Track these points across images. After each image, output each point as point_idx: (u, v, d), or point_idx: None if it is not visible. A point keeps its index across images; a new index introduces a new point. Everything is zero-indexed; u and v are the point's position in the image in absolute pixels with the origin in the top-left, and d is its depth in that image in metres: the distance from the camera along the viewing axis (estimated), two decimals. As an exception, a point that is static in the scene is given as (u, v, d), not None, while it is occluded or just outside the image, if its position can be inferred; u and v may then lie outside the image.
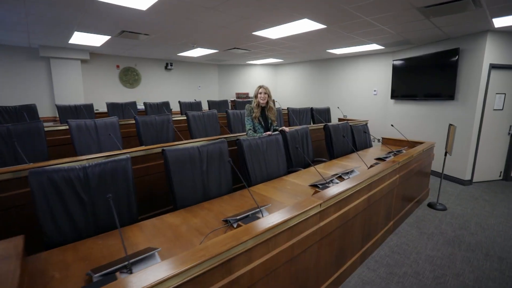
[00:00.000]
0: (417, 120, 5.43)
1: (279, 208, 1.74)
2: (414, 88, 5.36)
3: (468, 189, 4.37)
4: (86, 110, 4.56)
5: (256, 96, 3.14)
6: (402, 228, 3.07)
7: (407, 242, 2.78)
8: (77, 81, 6.03)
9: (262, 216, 1.58)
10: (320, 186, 2.23)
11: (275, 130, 3.25)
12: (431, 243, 2.76)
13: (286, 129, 3.17)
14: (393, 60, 5.80)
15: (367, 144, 4.13)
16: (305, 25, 3.93)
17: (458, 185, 4.57)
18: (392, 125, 3.98)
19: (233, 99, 8.49)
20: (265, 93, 3.11)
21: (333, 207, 1.85)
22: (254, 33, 4.44)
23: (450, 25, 3.86)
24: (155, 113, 5.62)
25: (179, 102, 5.99)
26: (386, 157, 3.18)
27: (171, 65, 7.60)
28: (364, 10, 3.24)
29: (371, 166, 2.64)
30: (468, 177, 4.57)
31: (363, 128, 4.07)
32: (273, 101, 3.59)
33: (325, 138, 3.58)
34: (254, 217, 1.57)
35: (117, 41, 5.09)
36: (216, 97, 8.94)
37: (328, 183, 2.21)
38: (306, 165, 3.27)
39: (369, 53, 6.43)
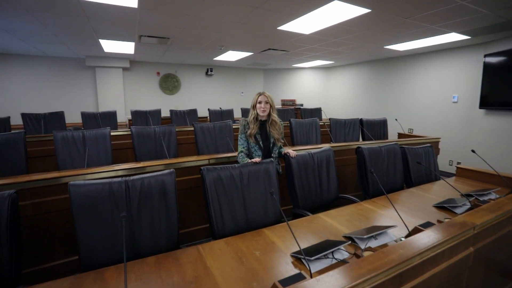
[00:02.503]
0: (523, 141, 3.68)
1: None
2: (519, 93, 3.66)
3: None
4: (104, 118, 4.49)
5: (254, 107, 2.34)
6: (481, 333, 1.79)
7: None
8: (119, 88, 6.25)
9: None
10: (305, 264, 1.31)
11: (279, 153, 2.39)
12: None
13: (292, 152, 2.27)
14: (484, 55, 4.13)
15: (432, 175, 2.83)
16: (340, 11, 2.94)
17: None
18: (473, 151, 2.58)
19: (277, 107, 7.74)
20: (267, 103, 2.30)
21: (299, 331, 0.94)
22: (279, 28, 3.64)
23: None
24: (181, 122, 5.33)
25: (208, 109, 5.57)
26: (456, 207, 1.95)
27: (211, 71, 7.33)
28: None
29: (416, 230, 1.53)
30: None
31: (424, 152, 2.80)
32: (300, 111, 2.71)
33: (358, 167, 2.51)
34: None
35: (147, 47, 4.97)
36: (260, 104, 8.33)
37: (315, 259, 1.27)
38: (322, 207, 2.30)
39: (446, 47, 4.81)
